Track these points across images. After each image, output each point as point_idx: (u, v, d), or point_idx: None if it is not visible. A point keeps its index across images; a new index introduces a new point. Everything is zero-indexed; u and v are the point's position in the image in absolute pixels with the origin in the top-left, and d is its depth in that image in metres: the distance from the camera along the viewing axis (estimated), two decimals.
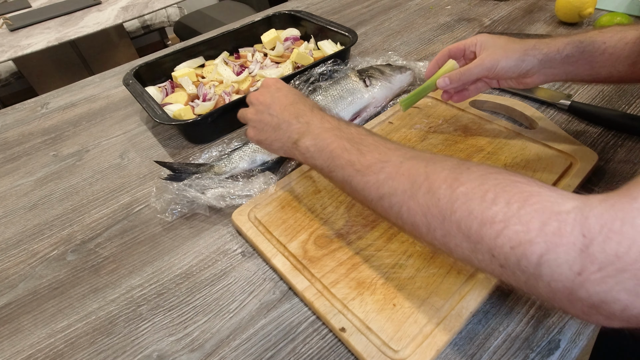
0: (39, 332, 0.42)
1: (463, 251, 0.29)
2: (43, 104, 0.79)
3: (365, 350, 0.36)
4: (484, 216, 0.27)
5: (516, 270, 0.25)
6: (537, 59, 0.46)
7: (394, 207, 0.33)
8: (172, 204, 0.51)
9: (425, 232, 0.31)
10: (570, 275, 0.23)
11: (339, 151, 0.38)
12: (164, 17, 2.29)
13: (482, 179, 0.28)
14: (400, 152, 0.35)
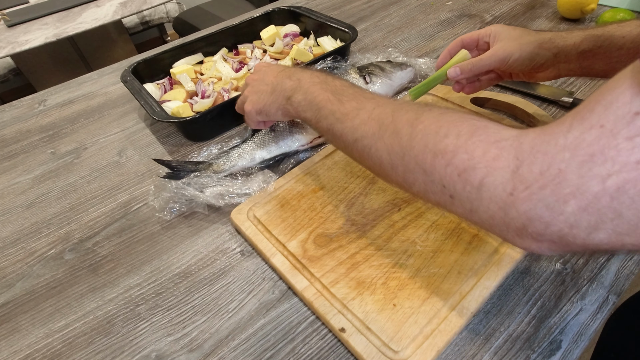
0: (36, 332, 0.42)
1: (420, 185, 0.31)
2: (40, 101, 0.78)
3: (365, 351, 0.35)
4: (436, 148, 0.29)
5: (462, 198, 0.28)
6: (552, 52, 0.46)
7: (365, 148, 0.36)
8: (170, 203, 0.51)
9: (390, 170, 0.34)
10: (504, 195, 0.25)
11: (324, 102, 0.41)
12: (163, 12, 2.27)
13: (440, 116, 0.31)
14: (374, 101, 0.38)
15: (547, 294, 0.40)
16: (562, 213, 0.23)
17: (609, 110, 0.22)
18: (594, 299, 0.39)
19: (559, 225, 0.24)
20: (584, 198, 0.22)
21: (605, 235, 0.23)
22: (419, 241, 0.43)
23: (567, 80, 0.65)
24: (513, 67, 0.47)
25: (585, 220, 0.23)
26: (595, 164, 0.22)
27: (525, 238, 0.26)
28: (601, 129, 0.22)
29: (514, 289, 0.40)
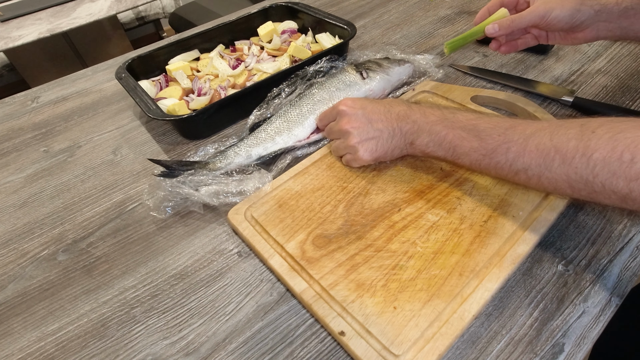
0: (28, 335, 0.41)
1: (613, 202, 0.32)
2: (33, 97, 0.77)
3: (366, 355, 0.35)
4: (628, 174, 0.30)
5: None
6: (594, 9, 0.45)
7: (532, 178, 0.37)
8: (165, 202, 0.50)
9: (570, 193, 0.35)
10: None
11: (457, 141, 0.41)
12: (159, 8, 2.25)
13: (613, 141, 0.31)
14: (519, 129, 0.38)
15: (549, 296, 0.39)
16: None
17: None
18: (596, 302, 0.38)
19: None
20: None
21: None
22: (419, 242, 0.42)
23: (569, 78, 0.64)
24: (552, 25, 0.47)
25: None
26: None
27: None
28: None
29: (516, 291, 0.40)
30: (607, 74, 0.64)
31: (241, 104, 0.62)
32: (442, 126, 0.43)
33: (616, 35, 0.47)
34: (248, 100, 0.61)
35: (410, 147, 0.47)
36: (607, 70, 0.65)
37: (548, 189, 0.37)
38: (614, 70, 0.64)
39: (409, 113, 0.46)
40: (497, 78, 0.65)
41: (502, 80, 0.65)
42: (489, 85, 0.65)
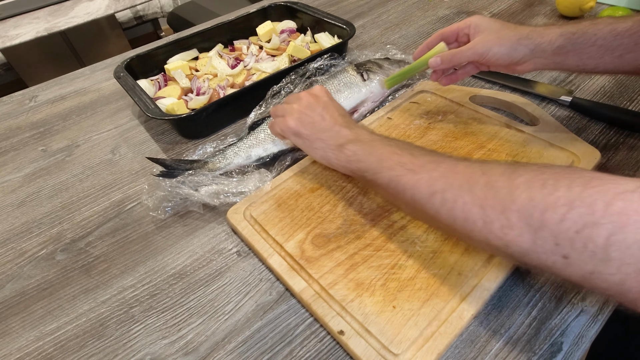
0: (27, 335, 0.41)
1: (523, 244, 0.28)
2: (31, 96, 0.77)
3: (365, 354, 0.35)
4: (546, 201, 0.26)
5: (583, 257, 0.24)
6: (529, 48, 0.46)
7: (447, 202, 0.33)
8: (164, 202, 0.50)
9: (481, 226, 0.30)
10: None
11: (388, 154, 0.39)
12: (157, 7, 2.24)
13: (540, 169, 0.29)
14: (453, 157, 0.36)
15: (547, 295, 0.39)
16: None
17: None
18: (594, 301, 0.38)
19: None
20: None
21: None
22: (418, 242, 0.43)
23: (567, 78, 0.64)
24: (492, 61, 0.48)
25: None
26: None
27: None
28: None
29: (515, 291, 0.40)
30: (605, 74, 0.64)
31: (240, 103, 0.62)
32: (379, 143, 0.42)
33: (552, 69, 0.49)
34: (247, 99, 0.61)
35: (336, 149, 0.44)
36: None
37: (453, 223, 0.33)
38: None
39: (358, 128, 0.45)
40: (496, 78, 0.66)
41: (500, 81, 0.65)
42: (487, 85, 0.66)
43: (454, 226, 0.33)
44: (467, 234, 0.32)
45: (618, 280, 0.23)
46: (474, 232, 0.31)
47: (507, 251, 0.29)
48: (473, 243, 0.33)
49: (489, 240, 0.30)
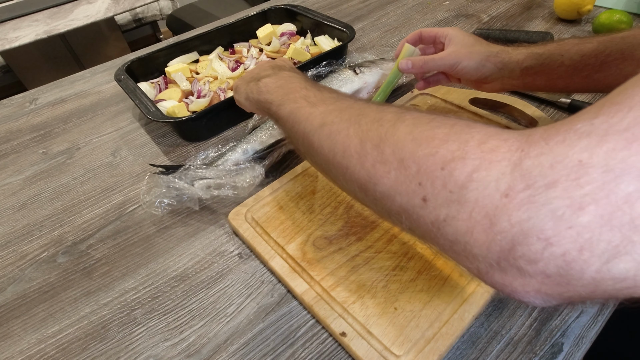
0: (28, 338, 0.41)
1: (388, 182, 0.25)
2: (32, 99, 0.77)
3: (367, 355, 0.35)
4: (423, 135, 0.24)
5: (439, 200, 0.22)
6: (497, 67, 0.47)
7: (331, 134, 0.30)
8: (160, 197, 0.50)
9: (356, 161, 0.28)
10: (495, 197, 0.19)
11: (297, 88, 0.38)
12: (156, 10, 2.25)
13: (432, 113, 0.27)
14: (361, 99, 0.35)
15: None
16: (572, 225, 0.17)
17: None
18: (594, 302, 0.39)
19: (564, 245, 0.17)
20: (609, 203, 0.16)
21: (632, 264, 0.16)
22: (419, 243, 0.43)
23: None
24: (461, 74, 0.49)
25: (604, 239, 0.16)
26: (633, 153, 0.16)
27: (506, 268, 0.19)
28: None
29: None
30: None
31: None
32: (295, 79, 0.40)
33: (520, 88, 0.49)
34: None
35: (253, 84, 0.44)
36: None
37: (332, 157, 0.30)
38: None
39: (283, 69, 0.44)
40: None
41: None
42: None
43: (333, 161, 0.30)
44: (344, 172, 0.29)
45: (466, 229, 0.20)
46: (349, 169, 0.29)
47: (373, 193, 0.27)
48: (348, 185, 0.30)
49: (361, 178, 0.28)
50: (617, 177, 0.16)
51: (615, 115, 0.17)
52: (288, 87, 0.39)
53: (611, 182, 0.16)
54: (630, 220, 0.16)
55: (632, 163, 0.16)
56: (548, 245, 0.17)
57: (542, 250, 0.18)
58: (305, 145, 0.34)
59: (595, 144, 0.17)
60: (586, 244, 0.17)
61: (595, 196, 0.16)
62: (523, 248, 0.18)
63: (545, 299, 0.19)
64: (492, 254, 0.20)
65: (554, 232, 0.17)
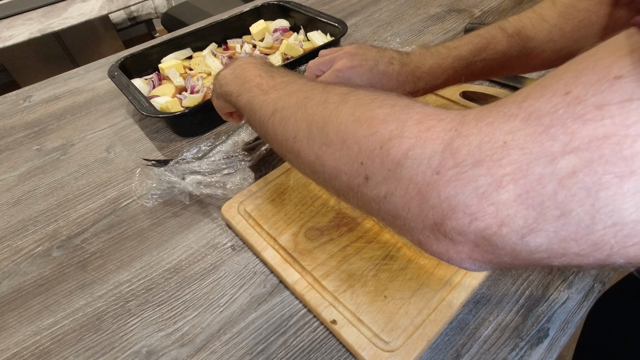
0: (24, 330, 0.41)
1: (333, 162, 0.26)
2: (25, 97, 0.77)
3: (357, 342, 0.36)
4: (364, 116, 0.25)
5: (378, 178, 0.23)
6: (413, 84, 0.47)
7: (282, 120, 0.31)
8: (152, 190, 0.50)
9: (306, 145, 0.28)
10: (427, 173, 0.20)
11: (252, 77, 0.38)
12: (151, 8, 2.24)
13: (376, 91, 0.27)
14: (308, 79, 0.35)
15: (534, 284, 0.40)
16: (493, 202, 0.18)
17: (579, 76, 0.17)
18: (580, 288, 0.40)
19: (486, 220, 0.18)
20: (525, 183, 0.17)
21: (545, 239, 0.17)
22: None
23: None
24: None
25: (521, 216, 0.17)
26: (549, 138, 0.17)
27: (441, 238, 0.20)
28: (565, 96, 0.17)
29: (503, 279, 0.41)
30: None
31: None
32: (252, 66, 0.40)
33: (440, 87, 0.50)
34: None
35: (215, 80, 0.44)
36: None
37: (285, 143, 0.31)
38: None
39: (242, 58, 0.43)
40: None
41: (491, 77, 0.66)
42: (478, 81, 0.66)
43: (287, 145, 0.31)
44: (296, 156, 0.30)
45: (403, 204, 0.22)
46: (301, 153, 0.29)
47: (321, 174, 0.28)
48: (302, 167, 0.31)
49: (310, 160, 0.28)
50: (533, 160, 0.17)
51: (539, 99, 0.18)
52: (244, 77, 0.39)
53: (528, 163, 0.17)
54: (541, 201, 0.17)
55: (547, 147, 0.17)
56: (473, 219, 0.19)
57: (468, 224, 0.19)
58: (263, 132, 0.35)
59: (519, 127, 0.18)
60: (506, 220, 0.18)
61: (514, 176, 0.17)
62: (452, 222, 0.19)
63: (478, 264, 0.21)
64: (426, 227, 0.21)
65: (478, 207, 0.18)
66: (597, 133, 0.16)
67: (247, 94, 0.37)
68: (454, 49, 0.47)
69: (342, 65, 0.46)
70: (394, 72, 0.45)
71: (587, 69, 0.17)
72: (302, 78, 0.35)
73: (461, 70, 0.46)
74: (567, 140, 0.16)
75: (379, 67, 0.45)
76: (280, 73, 0.37)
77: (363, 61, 0.46)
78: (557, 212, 0.17)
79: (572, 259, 0.18)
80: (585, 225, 0.16)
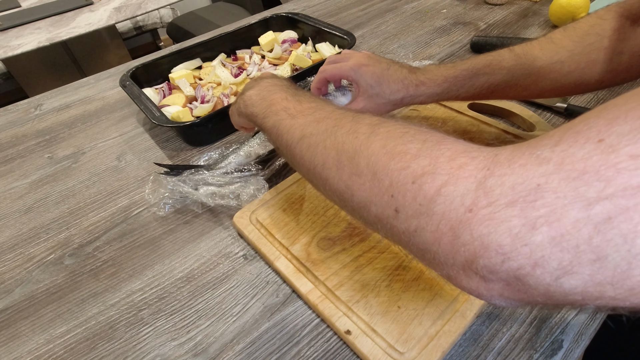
0: (37, 338, 0.41)
1: (363, 193, 0.26)
2: (37, 105, 0.78)
3: (371, 353, 0.36)
4: (396, 150, 0.25)
5: (409, 212, 0.23)
6: (414, 97, 0.48)
7: (311, 147, 0.32)
8: (165, 199, 0.51)
9: (334, 173, 0.29)
10: (460, 211, 0.20)
11: (278, 100, 0.39)
12: (157, 18, 2.27)
13: (407, 124, 0.28)
14: (335, 106, 0.35)
15: None
16: (527, 243, 0.18)
17: (612, 125, 0.18)
18: None
19: (519, 261, 0.18)
20: (560, 226, 0.17)
21: (580, 282, 0.17)
22: None
23: None
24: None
25: (555, 258, 0.17)
26: (583, 184, 0.17)
27: (472, 275, 0.21)
28: (599, 144, 0.18)
29: None
30: None
31: None
32: (277, 88, 0.41)
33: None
34: None
35: (239, 99, 0.45)
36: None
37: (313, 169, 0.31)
38: None
39: (265, 78, 0.45)
40: None
41: None
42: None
43: (314, 172, 0.31)
44: (324, 183, 0.31)
45: (434, 240, 0.22)
46: (329, 180, 0.30)
47: (350, 203, 0.28)
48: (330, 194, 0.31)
49: (339, 189, 0.29)
50: (568, 204, 0.17)
51: (573, 145, 0.19)
52: (270, 99, 0.40)
53: (562, 207, 0.17)
54: (576, 244, 0.17)
55: (582, 192, 0.17)
56: (506, 259, 0.19)
57: (500, 263, 0.19)
58: (289, 156, 0.35)
59: (552, 170, 0.18)
60: (539, 261, 0.18)
61: (548, 219, 0.18)
62: (484, 260, 0.20)
63: (508, 301, 0.21)
64: (457, 263, 0.21)
65: (511, 248, 0.19)
66: (632, 182, 0.16)
67: (273, 117, 0.37)
68: (460, 64, 0.48)
69: (357, 62, 0.48)
70: (402, 76, 0.48)
71: (619, 118, 0.18)
72: (330, 104, 0.36)
73: (463, 81, 0.47)
74: (602, 187, 0.17)
75: (390, 70, 0.48)
76: (307, 98, 0.38)
77: (377, 62, 0.49)
78: (592, 256, 0.17)
79: (607, 302, 0.18)
80: (621, 271, 0.16)
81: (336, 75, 0.51)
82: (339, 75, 0.50)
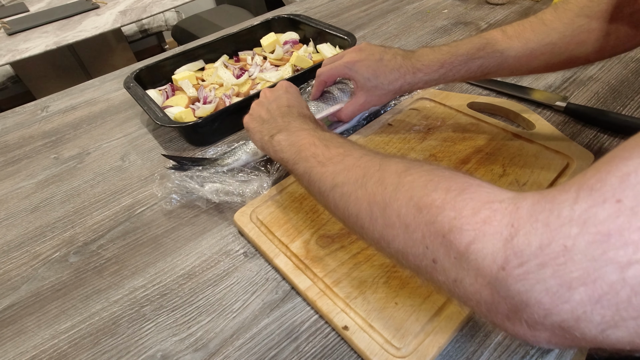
0: (42, 333, 0.42)
1: (399, 243, 0.27)
2: (43, 107, 0.79)
3: (368, 348, 0.36)
4: (422, 202, 0.26)
5: (446, 264, 0.24)
6: (411, 85, 0.52)
7: (344, 196, 0.33)
8: (172, 193, 0.52)
9: (368, 223, 0.30)
10: (493, 268, 0.21)
11: (307, 145, 0.40)
12: (162, 21, 2.29)
13: (431, 171, 0.28)
14: (363, 150, 0.36)
15: None
16: (567, 301, 0.19)
17: (625, 184, 0.18)
18: None
19: (562, 316, 0.19)
20: (597, 287, 0.18)
21: (626, 333, 0.18)
22: None
23: (562, 85, 0.66)
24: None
25: (598, 314, 0.18)
26: (611, 247, 0.18)
27: (517, 324, 0.21)
28: (618, 205, 0.18)
29: None
30: (598, 80, 0.66)
31: (245, 111, 0.64)
32: (305, 133, 0.42)
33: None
34: None
35: (268, 141, 0.45)
36: (598, 77, 0.67)
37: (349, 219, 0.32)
38: (605, 77, 0.67)
39: (294, 116, 0.46)
40: (493, 85, 0.68)
41: (497, 88, 0.67)
42: (485, 92, 0.68)
43: (349, 220, 0.32)
44: (360, 231, 0.32)
45: (474, 291, 0.22)
46: (364, 229, 0.31)
47: (388, 251, 0.29)
48: (367, 241, 0.32)
49: (374, 239, 0.30)
50: (600, 267, 0.18)
51: (593, 206, 0.19)
52: (299, 145, 0.41)
53: (595, 270, 0.18)
54: (616, 303, 0.18)
55: (612, 256, 0.18)
56: (548, 314, 0.19)
57: (543, 316, 0.20)
58: (323, 202, 0.36)
59: (577, 232, 0.19)
60: (582, 316, 0.18)
61: (584, 280, 0.18)
62: (527, 313, 0.20)
63: (556, 346, 0.22)
64: (500, 313, 0.22)
65: (552, 305, 0.19)
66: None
67: (303, 164, 0.38)
68: (454, 47, 0.49)
69: (350, 59, 0.50)
70: (397, 65, 0.49)
71: (630, 174, 0.18)
72: (357, 148, 0.37)
73: (459, 66, 0.48)
74: (632, 251, 0.17)
75: (384, 60, 0.49)
76: (334, 142, 0.39)
77: (370, 55, 0.50)
78: (634, 314, 0.17)
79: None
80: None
81: (333, 76, 0.52)
82: (335, 74, 0.51)
